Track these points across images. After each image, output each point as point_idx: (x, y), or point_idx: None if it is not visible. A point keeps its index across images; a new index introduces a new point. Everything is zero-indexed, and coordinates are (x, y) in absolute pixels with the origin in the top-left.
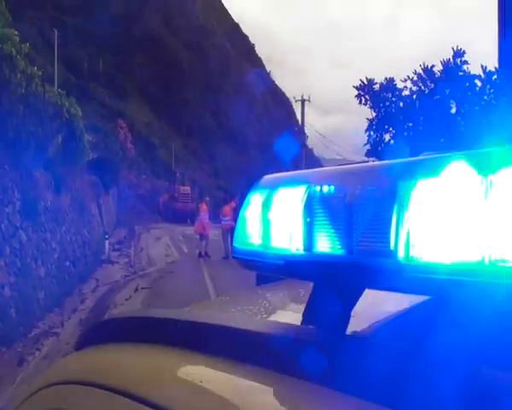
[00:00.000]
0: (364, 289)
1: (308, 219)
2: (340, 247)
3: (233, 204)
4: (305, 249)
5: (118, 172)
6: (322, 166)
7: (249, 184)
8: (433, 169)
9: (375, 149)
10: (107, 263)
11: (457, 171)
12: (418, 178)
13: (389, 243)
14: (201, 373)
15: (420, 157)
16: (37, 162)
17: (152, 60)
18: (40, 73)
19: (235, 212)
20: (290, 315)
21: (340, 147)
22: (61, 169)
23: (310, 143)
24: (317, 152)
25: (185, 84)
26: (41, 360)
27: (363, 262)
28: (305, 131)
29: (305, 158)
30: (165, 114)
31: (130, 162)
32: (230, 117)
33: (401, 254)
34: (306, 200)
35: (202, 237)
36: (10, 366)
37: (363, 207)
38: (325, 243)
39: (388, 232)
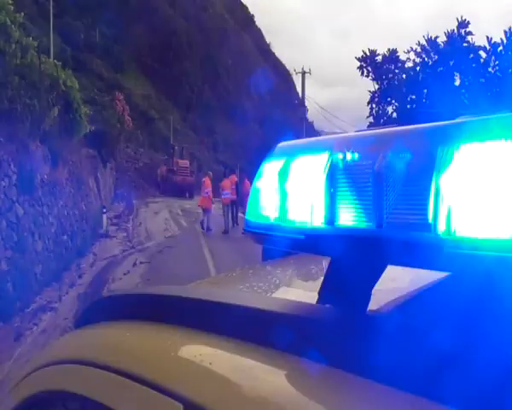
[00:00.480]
0: (387, 266)
1: (331, 190)
2: (367, 219)
3: (234, 178)
4: (327, 222)
5: (115, 146)
6: None
7: (249, 157)
8: (479, 132)
9: (378, 122)
10: (105, 237)
11: (505, 135)
12: (462, 141)
13: (427, 215)
14: (208, 354)
15: (461, 119)
16: (34, 135)
17: (150, 31)
18: (36, 44)
19: (237, 186)
20: (303, 293)
21: (341, 120)
22: (58, 142)
23: (310, 116)
24: (317, 125)
25: (184, 56)
26: (39, 335)
27: (394, 236)
28: (306, 105)
29: (305, 131)
30: (163, 86)
31: (128, 135)
32: (229, 90)
33: (441, 227)
34: (329, 168)
35: (206, 211)
36: (7, 342)
37: (395, 176)
38: (350, 216)
39: (426, 203)
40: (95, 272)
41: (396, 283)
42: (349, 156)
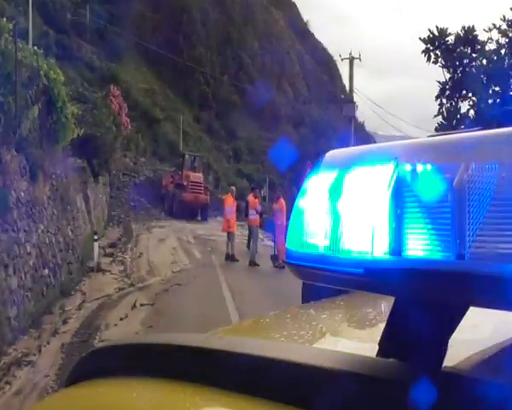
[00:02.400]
0: (469, 308)
1: (398, 211)
2: (444, 249)
3: (253, 196)
4: (392, 253)
5: (110, 155)
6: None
7: (281, 169)
8: None
9: (449, 123)
10: (96, 272)
11: None
12: None
13: None
14: None
15: None
16: (7, 142)
17: (154, 8)
18: (11, 27)
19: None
20: (359, 344)
21: (399, 119)
22: (38, 151)
23: (360, 114)
24: (369, 126)
25: (197, 39)
26: (12, 397)
27: (478, 270)
28: (354, 100)
29: (354, 135)
30: (170, 78)
31: (126, 141)
32: (256, 82)
33: None
34: (394, 184)
35: (230, 236)
36: None
37: (481, 193)
38: (422, 244)
39: None
40: (83, 316)
41: (480, 331)
42: (420, 168)
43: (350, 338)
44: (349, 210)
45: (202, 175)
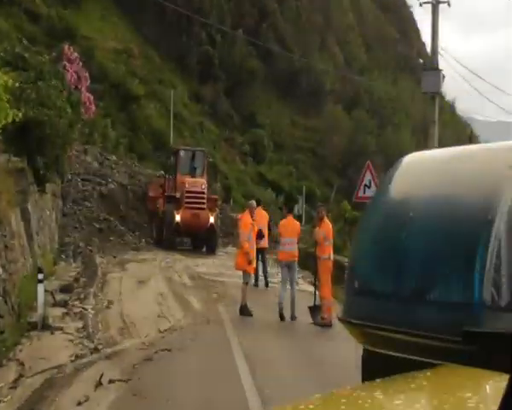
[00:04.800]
0: None
1: None
2: None
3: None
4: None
5: (64, 150)
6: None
7: (325, 173)
8: None
9: None
10: (41, 330)
11: None
12: None
13: None
14: None
15: None
16: None
17: None
18: None
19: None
20: None
21: (507, 94)
22: None
23: (447, 88)
24: (461, 107)
25: None
26: None
27: None
28: (439, 67)
29: (438, 120)
30: (155, 34)
31: (87, 130)
32: (286, 40)
33: None
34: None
35: (246, 275)
36: None
37: None
38: None
39: None
40: (20, 399)
41: None
42: None
43: None
44: (440, 244)
45: (205, 181)
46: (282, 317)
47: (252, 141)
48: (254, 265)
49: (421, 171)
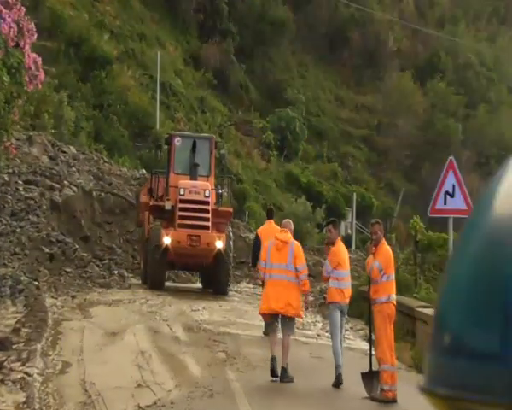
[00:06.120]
0: None
1: None
2: None
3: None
4: None
5: None
6: None
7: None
8: None
9: None
10: None
11: None
12: None
13: None
14: None
15: None
16: None
17: None
18: None
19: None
20: None
21: None
22: None
23: None
24: None
25: None
26: None
27: None
28: None
29: None
30: None
31: (33, 109)
32: None
33: None
34: None
35: (273, 322)
36: None
37: None
38: None
39: None
40: None
41: None
42: None
43: None
44: None
45: (211, 186)
46: (338, 384)
47: (277, 126)
48: (298, 311)
49: None
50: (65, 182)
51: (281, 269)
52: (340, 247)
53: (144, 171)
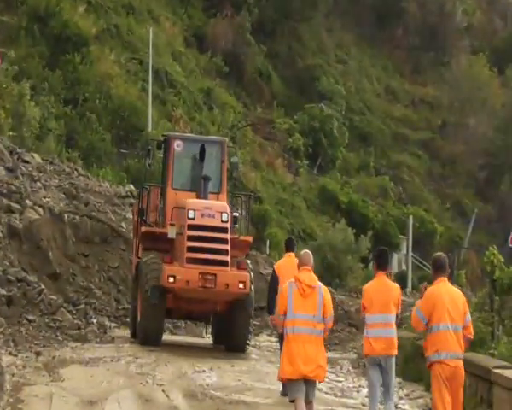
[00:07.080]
0: None
1: None
2: None
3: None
4: None
5: None
6: None
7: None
8: None
9: None
10: None
11: None
12: None
13: None
14: None
15: None
16: None
17: None
18: None
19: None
20: None
21: None
22: None
23: None
24: None
25: None
26: None
27: None
28: None
29: None
30: None
31: None
32: None
33: None
34: None
35: (300, 383)
36: None
37: None
38: None
39: None
40: None
41: None
42: None
43: None
44: None
45: (228, 206)
46: None
47: (308, 128)
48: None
49: None
50: (27, 201)
51: (308, 321)
52: (380, 283)
53: (132, 186)
